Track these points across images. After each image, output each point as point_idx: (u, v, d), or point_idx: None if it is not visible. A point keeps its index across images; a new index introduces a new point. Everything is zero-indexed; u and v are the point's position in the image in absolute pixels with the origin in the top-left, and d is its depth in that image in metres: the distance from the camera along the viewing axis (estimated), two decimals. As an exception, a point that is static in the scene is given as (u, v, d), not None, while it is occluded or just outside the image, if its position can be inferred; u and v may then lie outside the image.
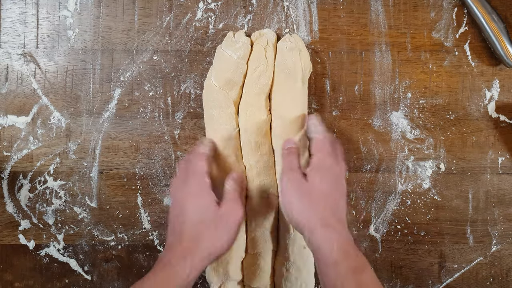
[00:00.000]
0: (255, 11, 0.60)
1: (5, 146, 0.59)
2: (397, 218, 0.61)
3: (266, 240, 0.57)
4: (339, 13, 0.60)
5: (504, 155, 0.62)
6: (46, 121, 0.59)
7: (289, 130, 0.55)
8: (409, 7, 0.60)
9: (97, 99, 0.59)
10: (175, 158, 0.60)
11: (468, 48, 0.61)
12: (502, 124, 0.62)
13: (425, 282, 0.61)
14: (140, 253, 0.60)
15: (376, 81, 0.61)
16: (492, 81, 0.61)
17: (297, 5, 0.60)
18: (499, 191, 0.62)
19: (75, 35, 0.59)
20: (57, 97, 0.59)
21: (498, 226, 0.62)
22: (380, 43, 0.60)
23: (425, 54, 0.61)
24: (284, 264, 0.56)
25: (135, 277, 0.60)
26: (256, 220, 0.56)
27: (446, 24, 0.61)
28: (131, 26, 0.59)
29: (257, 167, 0.56)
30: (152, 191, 0.60)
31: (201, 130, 0.60)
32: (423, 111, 0.61)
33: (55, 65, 0.59)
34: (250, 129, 0.55)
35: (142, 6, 0.59)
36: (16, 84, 0.59)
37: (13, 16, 0.59)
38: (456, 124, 0.61)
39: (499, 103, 0.61)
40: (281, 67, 0.56)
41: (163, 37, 0.59)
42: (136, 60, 0.59)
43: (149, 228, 0.60)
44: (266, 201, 0.56)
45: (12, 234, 0.60)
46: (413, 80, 0.61)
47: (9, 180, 0.59)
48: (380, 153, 0.61)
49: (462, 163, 0.61)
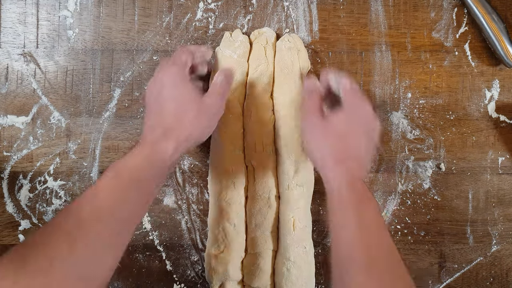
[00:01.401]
0: (255, 11, 0.60)
1: (5, 146, 0.59)
2: (397, 218, 0.61)
3: (266, 240, 0.57)
4: (339, 13, 0.60)
5: (504, 155, 0.62)
6: (46, 121, 0.59)
7: (292, 130, 0.55)
8: (409, 7, 0.60)
9: (97, 99, 0.59)
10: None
11: (468, 48, 0.61)
12: (502, 124, 0.62)
13: (425, 282, 0.61)
14: (140, 253, 0.60)
15: (376, 81, 0.61)
16: (492, 81, 0.61)
17: (297, 5, 0.60)
18: (499, 191, 0.62)
19: (75, 35, 0.59)
20: (57, 97, 0.59)
21: (498, 226, 0.62)
22: (380, 43, 0.60)
23: (425, 54, 0.61)
24: (285, 264, 0.56)
25: (135, 277, 0.60)
26: (256, 220, 0.56)
27: (446, 24, 0.61)
28: (131, 26, 0.59)
29: (260, 167, 0.56)
30: (152, 191, 0.60)
31: (201, 130, 0.60)
32: (423, 111, 0.61)
33: (55, 65, 0.59)
34: (255, 130, 0.55)
35: (142, 6, 0.59)
36: (16, 84, 0.59)
37: (13, 16, 0.59)
38: (456, 124, 0.61)
39: (499, 103, 0.61)
40: (280, 66, 0.56)
41: (163, 37, 0.59)
42: (136, 60, 0.59)
43: (149, 228, 0.60)
44: (266, 201, 0.56)
45: (12, 234, 0.60)
46: (413, 80, 0.61)
47: (9, 180, 0.59)
48: (380, 153, 0.61)
49: (462, 163, 0.61)
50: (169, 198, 0.60)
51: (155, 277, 0.60)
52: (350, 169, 0.45)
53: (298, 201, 0.56)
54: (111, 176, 0.40)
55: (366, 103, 0.49)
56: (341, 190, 0.44)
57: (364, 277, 0.36)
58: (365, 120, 0.48)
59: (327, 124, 0.48)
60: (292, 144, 0.55)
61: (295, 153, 0.55)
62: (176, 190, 0.60)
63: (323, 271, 0.61)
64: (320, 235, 0.61)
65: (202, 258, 0.60)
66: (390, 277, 0.36)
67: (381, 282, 0.36)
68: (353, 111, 0.48)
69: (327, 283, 0.61)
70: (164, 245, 0.60)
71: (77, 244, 0.36)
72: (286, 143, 0.55)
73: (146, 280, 0.60)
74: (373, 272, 0.36)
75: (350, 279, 0.37)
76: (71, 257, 0.35)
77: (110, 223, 0.38)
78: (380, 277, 0.36)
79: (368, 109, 0.48)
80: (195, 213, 0.60)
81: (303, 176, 0.56)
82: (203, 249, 0.60)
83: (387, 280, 0.36)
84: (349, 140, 0.47)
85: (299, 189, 0.56)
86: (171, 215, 0.60)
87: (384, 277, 0.36)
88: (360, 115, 0.48)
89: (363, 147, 0.48)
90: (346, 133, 0.47)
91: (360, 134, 0.48)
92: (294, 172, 0.55)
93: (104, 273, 0.39)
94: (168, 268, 0.60)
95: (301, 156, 0.56)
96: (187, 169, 0.60)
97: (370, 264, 0.37)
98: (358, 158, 0.47)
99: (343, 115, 0.48)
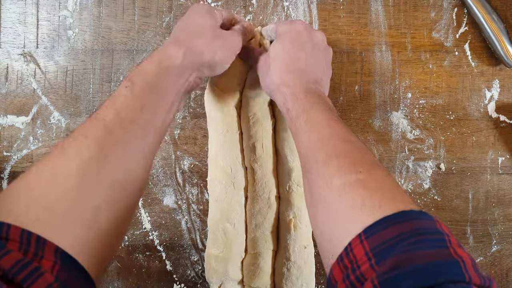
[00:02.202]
0: (255, 11, 0.60)
1: (5, 146, 0.59)
2: (397, 218, 0.61)
3: (266, 240, 0.57)
4: (339, 13, 0.60)
5: (504, 155, 0.62)
6: (46, 121, 0.59)
7: None
8: (409, 7, 0.60)
9: (97, 99, 0.59)
10: (175, 158, 0.60)
11: (468, 48, 0.61)
12: (502, 124, 0.62)
13: (425, 282, 0.61)
14: (140, 253, 0.60)
15: (376, 81, 0.61)
16: (492, 81, 0.61)
17: (297, 5, 0.60)
18: (499, 191, 0.62)
19: (75, 35, 0.59)
20: (57, 97, 0.59)
21: (498, 226, 0.62)
22: (380, 43, 0.60)
23: (425, 54, 0.61)
24: (285, 264, 0.56)
25: (135, 277, 0.60)
26: (256, 220, 0.56)
27: (446, 24, 0.61)
28: (131, 26, 0.59)
29: (260, 169, 0.56)
30: (152, 191, 0.60)
31: (201, 130, 0.60)
32: (423, 111, 0.61)
33: (55, 65, 0.59)
34: (255, 132, 0.55)
35: (142, 6, 0.59)
36: (16, 84, 0.59)
37: (13, 16, 0.59)
38: (456, 124, 0.61)
39: (499, 103, 0.61)
40: None
41: (163, 37, 0.59)
42: (136, 60, 0.59)
43: (149, 228, 0.60)
44: (266, 201, 0.56)
45: (12, 234, 0.60)
46: (413, 80, 0.61)
47: (9, 180, 0.59)
48: (380, 153, 0.61)
49: (462, 163, 0.61)
50: (169, 198, 0.60)
51: (155, 277, 0.60)
52: (291, 84, 0.46)
53: (299, 202, 0.56)
54: (126, 84, 0.40)
55: (296, 23, 0.50)
56: (286, 105, 0.45)
57: (324, 169, 0.37)
58: (297, 35, 0.49)
59: (267, 54, 0.50)
60: (295, 146, 0.55)
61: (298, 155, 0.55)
62: (176, 190, 0.60)
63: (323, 271, 0.61)
64: (320, 235, 0.61)
65: (202, 258, 0.60)
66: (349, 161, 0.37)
67: (339, 168, 0.36)
68: (283, 34, 0.50)
69: (327, 283, 0.61)
70: (164, 245, 0.60)
71: (107, 149, 0.36)
72: (290, 145, 0.55)
73: (146, 280, 0.60)
74: (332, 163, 0.37)
75: (314, 177, 0.38)
76: (102, 161, 0.35)
77: (133, 130, 0.39)
78: (338, 164, 0.37)
79: (296, 26, 0.50)
80: (195, 213, 0.60)
81: (304, 176, 0.56)
82: (203, 249, 0.60)
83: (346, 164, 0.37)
84: (292, 61, 0.48)
85: (300, 190, 0.56)
86: (171, 215, 0.60)
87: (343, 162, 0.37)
88: (291, 33, 0.49)
89: (301, 58, 0.48)
90: (285, 56, 0.48)
91: (295, 47, 0.48)
92: (295, 173, 0.55)
93: (136, 182, 0.39)
94: (168, 268, 0.60)
95: None
96: (187, 169, 0.60)
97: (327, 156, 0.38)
98: (300, 73, 0.47)
99: (277, 40, 0.50)
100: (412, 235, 0.29)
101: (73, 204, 0.33)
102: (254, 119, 0.55)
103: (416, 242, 0.29)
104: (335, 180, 0.36)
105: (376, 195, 0.33)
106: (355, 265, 0.30)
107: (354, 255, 0.31)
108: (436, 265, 0.27)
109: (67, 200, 0.32)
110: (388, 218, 0.31)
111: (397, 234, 0.30)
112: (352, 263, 0.31)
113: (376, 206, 0.32)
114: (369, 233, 0.31)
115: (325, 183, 0.37)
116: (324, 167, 0.38)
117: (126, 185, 0.38)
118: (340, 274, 0.32)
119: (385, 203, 0.32)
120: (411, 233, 0.29)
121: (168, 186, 0.60)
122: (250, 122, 0.55)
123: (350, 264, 0.31)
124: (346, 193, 0.34)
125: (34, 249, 0.29)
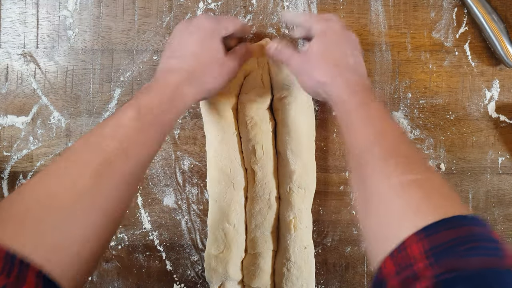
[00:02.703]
0: (255, 11, 0.60)
1: (5, 146, 0.59)
2: (397, 218, 0.61)
3: (266, 240, 0.57)
4: (339, 13, 0.60)
5: (504, 155, 0.62)
6: (46, 121, 0.59)
7: (297, 134, 0.55)
8: (409, 7, 0.60)
9: (97, 99, 0.59)
10: (175, 158, 0.60)
11: (468, 48, 0.61)
12: (502, 124, 0.62)
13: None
14: (140, 253, 0.60)
15: (376, 81, 0.61)
16: (492, 81, 0.61)
17: (297, 5, 0.60)
18: (499, 191, 0.62)
19: (75, 35, 0.59)
20: (57, 97, 0.59)
21: (498, 226, 0.62)
22: (380, 43, 0.60)
23: (425, 54, 0.61)
24: (285, 264, 0.56)
25: (135, 277, 0.60)
26: (256, 220, 0.56)
27: (446, 24, 0.61)
28: (131, 26, 0.59)
29: (260, 170, 0.56)
30: (152, 191, 0.60)
31: (201, 130, 0.60)
32: (423, 111, 0.61)
33: (55, 65, 0.59)
34: (254, 135, 0.55)
35: (142, 6, 0.59)
36: (16, 84, 0.59)
37: (13, 16, 0.59)
38: (456, 124, 0.61)
39: (499, 103, 0.61)
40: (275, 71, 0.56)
41: (163, 37, 0.59)
42: (136, 60, 0.59)
43: (149, 228, 0.60)
44: (266, 202, 0.56)
45: (12, 234, 0.60)
46: (413, 80, 0.61)
47: (9, 180, 0.59)
48: (380, 153, 0.61)
49: (462, 163, 0.61)
50: (169, 198, 0.60)
51: (155, 277, 0.60)
52: (345, 77, 0.46)
53: (299, 203, 0.56)
54: (133, 116, 0.40)
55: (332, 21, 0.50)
56: (342, 96, 0.45)
57: (382, 165, 0.38)
58: (338, 34, 0.49)
59: (305, 54, 0.49)
60: (297, 149, 0.55)
61: (300, 158, 0.55)
62: (176, 190, 0.60)
63: (323, 271, 0.61)
64: (320, 235, 0.61)
65: (202, 258, 0.60)
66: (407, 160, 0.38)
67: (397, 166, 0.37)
68: (323, 32, 0.49)
69: (327, 283, 0.61)
70: (164, 245, 0.60)
71: (102, 179, 0.36)
72: (292, 148, 0.55)
73: (146, 280, 0.60)
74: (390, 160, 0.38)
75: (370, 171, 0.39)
76: (96, 192, 0.36)
77: (130, 163, 0.39)
78: (396, 162, 0.37)
79: (334, 24, 0.49)
80: (195, 213, 0.60)
81: (305, 178, 0.56)
82: (203, 249, 0.60)
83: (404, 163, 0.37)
84: (335, 56, 0.47)
85: (300, 191, 0.56)
86: (171, 215, 0.60)
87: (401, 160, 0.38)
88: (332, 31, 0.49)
89: (348, 56, 0.48)
90: (328, 52, 0.48)
91: (339, 45, 0.48)
92: (296, 175, 0.55)
93: (122, 211, 0.40)
94: (168, 268, 0.60)
95: (305, 159, 0.55)
96: (187, 169, 0.60)
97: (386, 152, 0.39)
98: (349, 67, 0.47)
99: (318, 38, 0.49)
100: (468, 241, 0.30)
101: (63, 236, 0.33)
102: (252, 123, 0.55)
103: (472, 248, 0.30)
104: (393, 177, 0.36)
105: (433, 197, 0.34)
106: (409, 262, 0.31)
107: (410, 252, 0.31)
108: (492, 273, 0.28)
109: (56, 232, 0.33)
110: (447, 221, 0.32)
111: (454, 237, 0.30)
112: (406, 260, 0.31)
113: (432, 208, 0.33)
114: (428, 233, 0.31)
115: (383, 179, 0.37)
116: (382, 163, 0.38)
117: (114, 213, 0.38)
118: (393, 268, 0.32)
119: (442, 205, 0.34)
120: (467, 239, 0.30)
121: (168, 186, 0.60)
122: (248, 126, 0.55)
123: (404, 260, 0.31)
124: (404, 192, 0.35)
125: (17, 271, 0.29)
